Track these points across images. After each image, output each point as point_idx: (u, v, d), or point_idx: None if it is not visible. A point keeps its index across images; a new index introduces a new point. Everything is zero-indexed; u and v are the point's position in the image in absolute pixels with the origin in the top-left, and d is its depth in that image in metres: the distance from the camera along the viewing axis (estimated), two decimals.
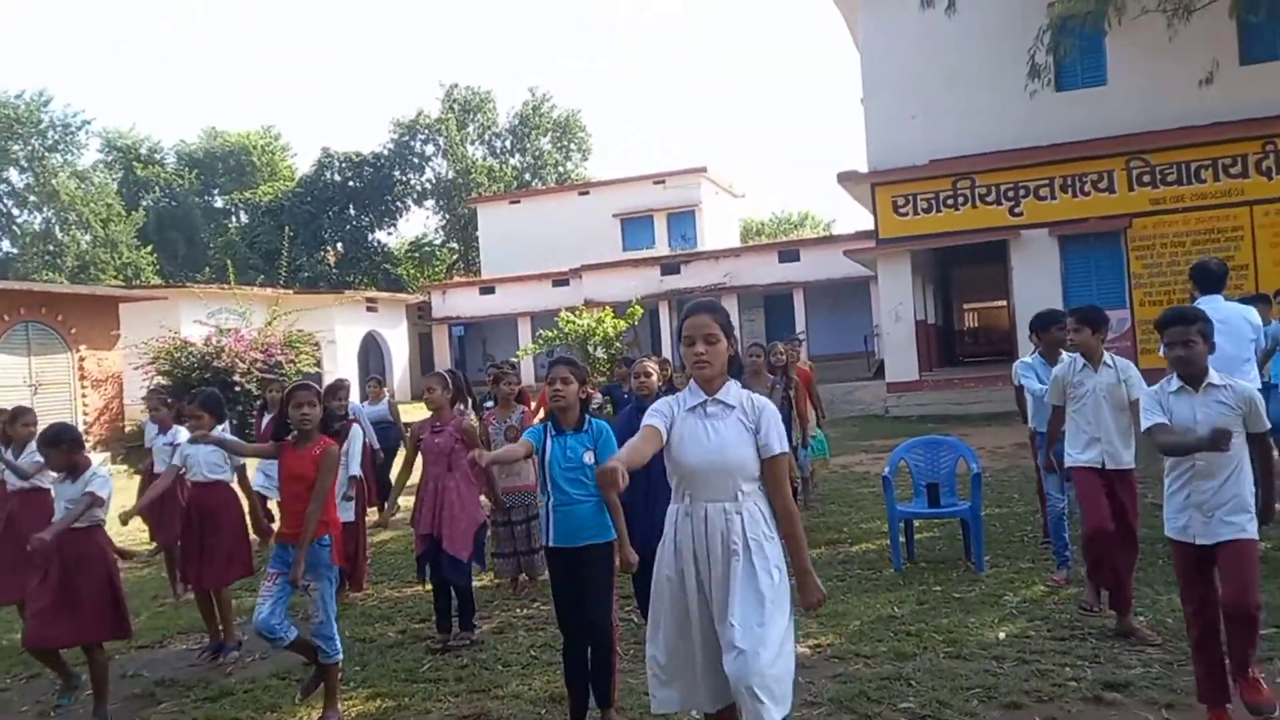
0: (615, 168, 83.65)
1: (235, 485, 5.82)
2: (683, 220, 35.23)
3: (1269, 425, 3.82)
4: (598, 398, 7.75)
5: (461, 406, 5.98)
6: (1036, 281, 16.87)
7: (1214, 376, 3.75)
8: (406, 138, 47.26)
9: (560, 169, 49.07)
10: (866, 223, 19.23)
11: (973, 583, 6.15)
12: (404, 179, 47.92)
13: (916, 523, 7.39)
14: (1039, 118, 16.58)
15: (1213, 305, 5.65)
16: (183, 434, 6.36)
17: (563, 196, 38.37)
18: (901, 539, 6.92)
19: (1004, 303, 18.38)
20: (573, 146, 49.92)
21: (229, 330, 20.41)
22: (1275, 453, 4.05)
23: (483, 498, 5.98)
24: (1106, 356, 5.10)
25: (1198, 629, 3.76)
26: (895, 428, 15.58)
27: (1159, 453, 3.84)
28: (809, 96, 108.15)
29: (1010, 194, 17.29)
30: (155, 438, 7.26)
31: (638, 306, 23.91)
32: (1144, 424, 3.83)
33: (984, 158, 17.21)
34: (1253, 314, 6.28)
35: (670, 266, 30.40)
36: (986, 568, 6.44)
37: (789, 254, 29.68)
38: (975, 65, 17.10)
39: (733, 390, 3.13)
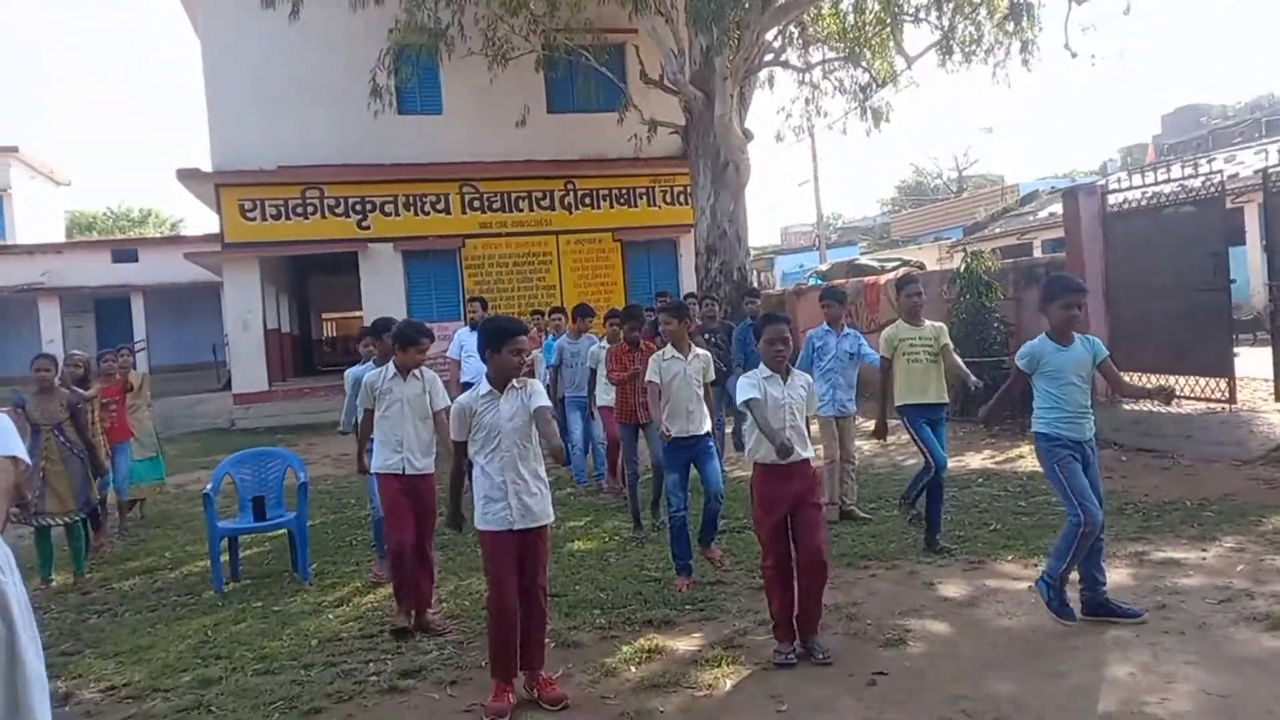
0: None
1: None
2: None
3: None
4: None
5: None
6: (383, 293, 17.59)
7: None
8: None
9: None
10: (216, 224, 18.04)
11: (295, 594, 6.14)
12: None
13: (246, 539, 7.18)
14: (383, 137, 17.14)
15: None
16: None
17: None
18: (226, 558, 6.63)
19: (360, 313, 18.84)
20: None
21: None
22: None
23: None
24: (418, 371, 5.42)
25: None
26: (241, 440, 14.84)
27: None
28: (154, 81, 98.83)
29: (358, 207, 17.73)
30: None
31: None
32: None
33: (332, 169, 17.32)
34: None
35: None
36: (312, 576, 6.49)
37: (125, 254, 26.68)
38: (321, 77, 17.01)
39: None
